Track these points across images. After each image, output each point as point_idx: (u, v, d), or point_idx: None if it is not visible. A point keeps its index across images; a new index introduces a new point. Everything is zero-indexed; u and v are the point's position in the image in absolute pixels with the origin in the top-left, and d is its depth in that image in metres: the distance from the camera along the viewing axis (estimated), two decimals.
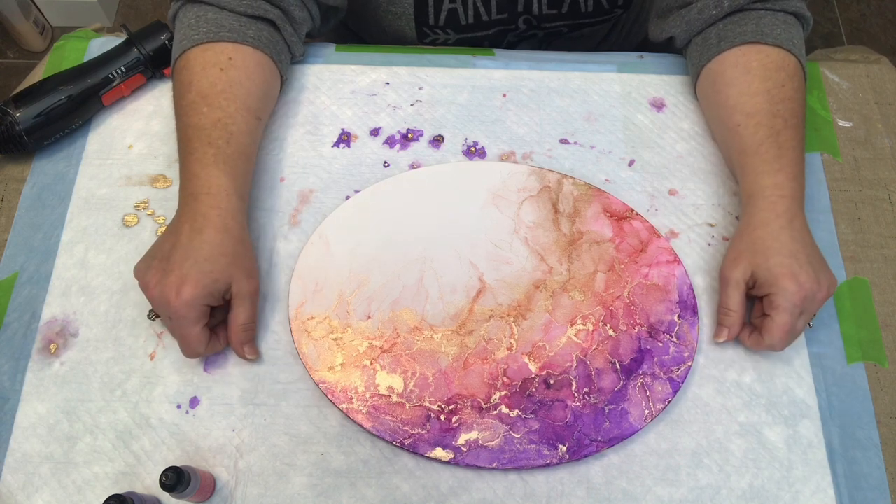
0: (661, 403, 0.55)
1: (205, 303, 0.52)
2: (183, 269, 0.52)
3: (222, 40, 0.59)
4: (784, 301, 0.53)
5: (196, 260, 0.52)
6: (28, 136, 0.62)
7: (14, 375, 0.57)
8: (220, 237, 0.54)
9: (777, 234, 0.55)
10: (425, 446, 0.53)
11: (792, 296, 0.53)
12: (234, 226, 0.55)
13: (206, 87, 0.58)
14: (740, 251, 0.56)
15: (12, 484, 0.53)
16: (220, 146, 0.56)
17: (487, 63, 0.70)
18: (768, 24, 0.61)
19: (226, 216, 0.55)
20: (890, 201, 0.65)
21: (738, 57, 0.61)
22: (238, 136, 0.58)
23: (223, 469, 0.54)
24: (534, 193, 0.63)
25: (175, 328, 0.53)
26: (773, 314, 0.53)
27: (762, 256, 0.54)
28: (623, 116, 0.67)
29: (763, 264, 0.54)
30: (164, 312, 0.53)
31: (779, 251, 0.54)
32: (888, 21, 1.70)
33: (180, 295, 0.51)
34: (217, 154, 0.56)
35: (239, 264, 0.54)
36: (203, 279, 0.52)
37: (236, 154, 0.57)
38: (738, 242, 0.57)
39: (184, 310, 0.51)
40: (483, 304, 0.58)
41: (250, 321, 0.55)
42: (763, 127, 0.58)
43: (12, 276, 0.60)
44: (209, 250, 0.53)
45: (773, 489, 0.53)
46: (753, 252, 0.55)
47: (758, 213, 0.56)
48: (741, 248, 0.56)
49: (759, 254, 0.55)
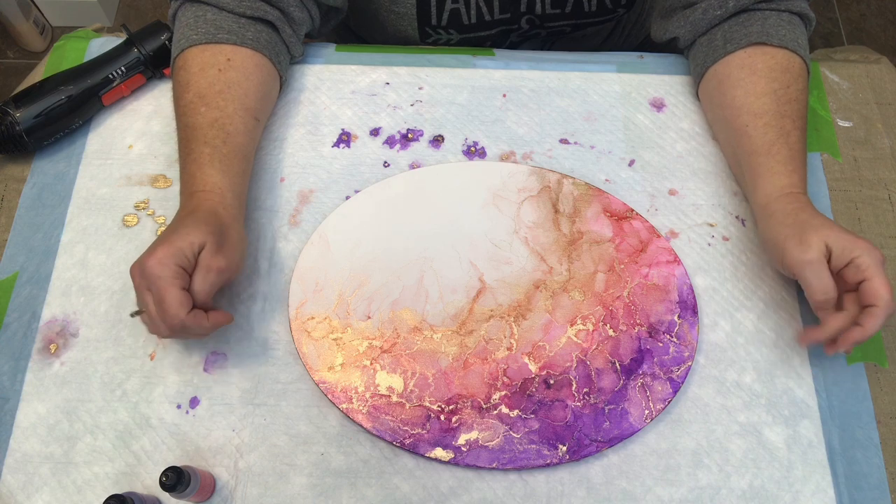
0: (661, 403, 0.55)
1: (176, 262, 0.50)
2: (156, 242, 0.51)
3: (221, 42, 0.59)
4: (871, 259, 0.50)
5: (174, 229, 0.52)
6: (28, 136, 0.62)
7: (14, 375, 0.57)
8: (205, 216, 0.53)
9: (816, 214, 0.54)
10: (425, 446, 0.53)
11: (874, 253, 0.51)
12: (224, 214, 0.54)
13: (204, 87, 0.58)
14: (801, 232, 0.52)
15: (12, 484, 0.53)
16: (217, 146, 0.56)
17: (487, 63, 0.70)
18: (773, 25, 0.60)
19: (217, 207, 0.54)
20: (890, 201, 0.65)
21: (743, 59, 0.61)
22: (235, 135, 0.58)
23: (223, 469, 0.54)
24: (534, 193, 0.63)
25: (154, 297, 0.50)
26: (868, 276, 0.50)
27: (826, 228, 0.52)
28: (623, 116, 0.67)
29: (832, 234, 0.52)
30: (142, 284, 0.50)
31: (831, 226, 0.52)
32: (888, 21, 1.70)
33: (153, 254, 0.50)
34: (213, 154, 0.56)
35: (216, 240, 0.52)
36: (177, 241, 0.50)
37: (232, 154, 0.57)
38: (785, 229, 0.53)
39: (157, 268, 0.49)
40: (483, 304, 0.58)
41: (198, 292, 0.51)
42: (772, 128, 0.58)
43: (12, 276, 0.60)
44: (190, 221, 0.52)
45: (773, 489, 0.53)
46: (814, 227, 0.52)
47: (787, 205, 0.55)
48: (797, 231, 0.53)
49: (821, 228, 0.52)
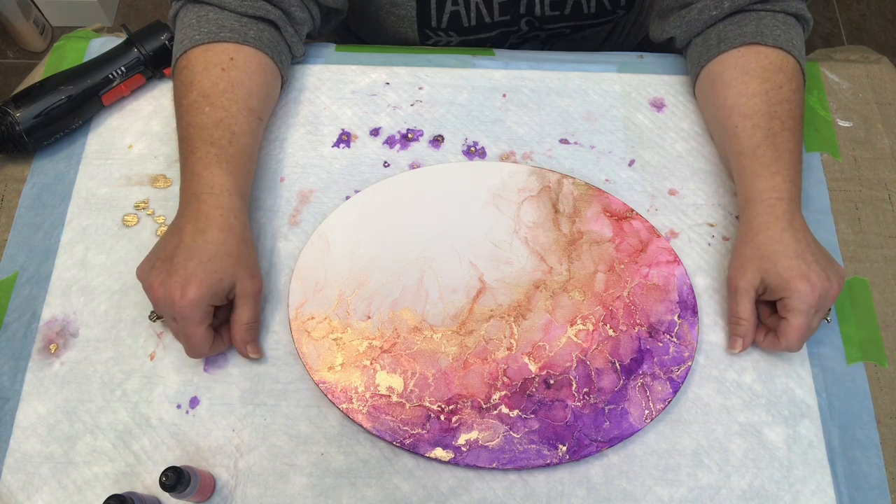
0: (661, 403, 0.55)
1: (209, 303, 0.52)
2: (187, 269, 0.51)
3: (223, 41, 0.59)
4: (799, 303, 0.52)
5: (200, 260, 0.52)
6: (28, 136, 0.62)
7: (14, 375, 0.57)
8: (223, 237, 0.54)
9: (780, 236, 0.54)
10: (425, 446, 0.53)
11: (807, 297, 0.52)
12: (237, 225, 0.55)
13: (208, 86, 0.58)
14: (746, 258, 0.56)
15: (12, 484, 0.53)
16: (223, 146, 0.56)
17: (487, 63, 0.70)
18: (768, 26, 0.61)
19: (229, 216, 0.55)
20: (890, 201, 0.65)
21: (736, 58, 0.61)
22: (240, 136, 0.58)
23: (223, 469, 0.54)
24: (534, 193, 0.63)
25: (179, 329, 0.53)
26: (788, 317, 0.53)
27: (769, 262, 0.54)
28: (623, 116, 0.67)
29: (772, 269, 0.54)
30: (169, 313, 0.52)
31: (784, 254, 0.54)
32: (888, 21, 1.70)
33: (185, 295, 0.51)
34: (220, 154, 0.56)
35: (242, 264, 0.54)
36: (208, 279, 0.52)
37: (238, 154, 0.57)
38: (742, 249, 0.56)
39: (188, 310, 0.51)
40: (483, 304, 0.58)
41: (253, 320, 0.55)
42: (760, 129, 0.58)
43: (12, 276, 0.60)
44: (213, 250, 0.53)
45: (773, 489, 0.53)
46: (760, 258, 0.55)
47: (757, 218, 0.56)
48: (746, 254, 0.56)
49: (766, 259, 0.54)
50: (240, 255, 0.54)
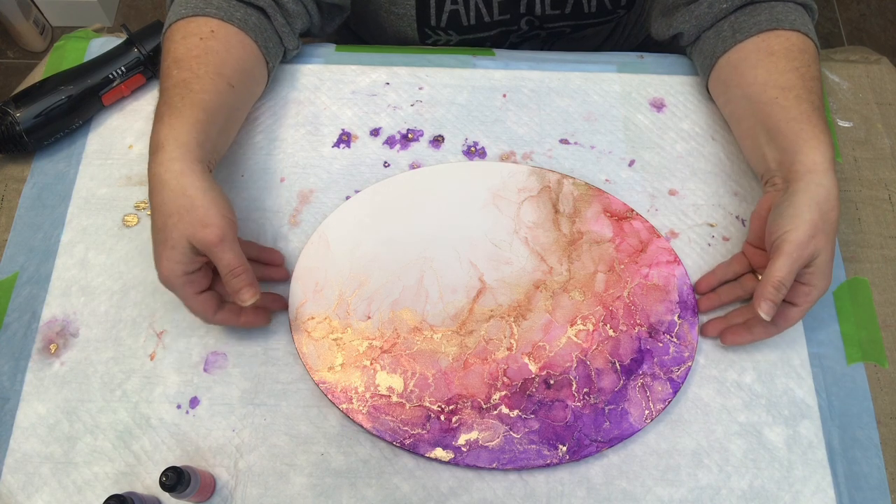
0: (661, 403, 0.55)
1: (181, 271, 0.51)
2: (155, 247, 0.52)
3: (208, 15, 0.59)
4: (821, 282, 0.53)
5: (154, 233, 0.52)
6: (28, 136, 0.62)
7: (14, 375, 0.57)
8: (159, 199, 0.51)
9: (836, 223, 0.53)
10: (425, 446, 0.53)
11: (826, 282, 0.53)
12: (171, 179, 0.51)
13: (182, 52, 0.57)
14: (813, 223, 0.52)
15: (12, 484, 0.53)
16: (174, 103, 0.54)
17: (487, 63, 0.70)
18: (782, 12, 0.60)
19: (161, 171, 0.51)
20: (890, 201, 0.65)
21: (757, 44, 0.60)
22: (199, 93, 0.55)
23: (223, 469, 0.54)
24: (534, 193, 0.63)
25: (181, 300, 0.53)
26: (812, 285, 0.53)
27: (828, 242, 0.52)
28: (623, 116, 0.67)
29: (826, 249, 0.52)
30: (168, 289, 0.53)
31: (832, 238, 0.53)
32: (888, 21, 1.71)
33: (161, 272, 0.51)
34: (171, 112, 0.54)
35: (186, 219, 0.50)
36: (165, 251, 0.51)
37: (190, 105, 0.54)
38: (806, 212, 0.52)
39: (170, 284, 0.51)
40: (483, 305, 0.58)
41: (230, 267, 0.51)
42: (804, 100, 0.56)
43: (12, 276, 0.60)
44: (157, 219, 0.52)
45: (773, 489, 0.53)
46: (824, 232, 0.52)
47: (829, 190, 0.53)
48: (813, 219, 0.52)
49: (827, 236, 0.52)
50: (180, 211, 0.50)
